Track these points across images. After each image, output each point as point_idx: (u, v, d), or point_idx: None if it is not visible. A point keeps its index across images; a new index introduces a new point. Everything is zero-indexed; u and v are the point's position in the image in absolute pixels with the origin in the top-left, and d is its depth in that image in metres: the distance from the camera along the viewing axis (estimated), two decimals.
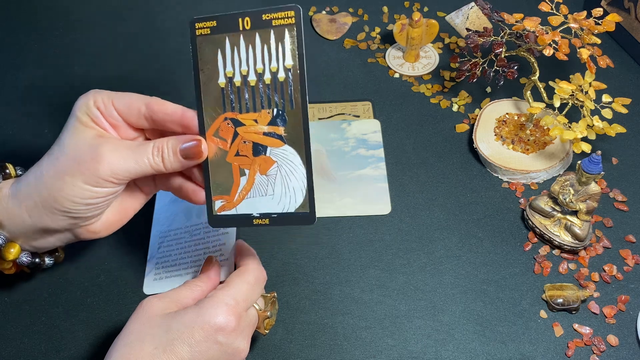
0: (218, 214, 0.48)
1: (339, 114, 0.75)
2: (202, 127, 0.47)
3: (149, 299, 0.47)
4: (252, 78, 0.46)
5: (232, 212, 0.48)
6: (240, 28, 0.45)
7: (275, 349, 0.56)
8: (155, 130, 0.50)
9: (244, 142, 0.47)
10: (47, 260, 0.55)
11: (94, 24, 0.88)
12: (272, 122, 0.46)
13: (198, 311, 0.46)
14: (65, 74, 0.82)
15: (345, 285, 0.60)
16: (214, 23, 0.46)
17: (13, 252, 0.51)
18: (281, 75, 0.45)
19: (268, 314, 0.51)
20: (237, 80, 0.46)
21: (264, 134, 0.46)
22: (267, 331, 0.52)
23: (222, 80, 0.46)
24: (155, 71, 0.81)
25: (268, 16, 0.45)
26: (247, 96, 0.46)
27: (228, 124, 0.47)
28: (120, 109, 0.48)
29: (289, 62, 0.45)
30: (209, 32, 0.46)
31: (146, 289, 0.60)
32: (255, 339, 0.55)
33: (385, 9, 0.88)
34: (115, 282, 0.61)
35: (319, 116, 0.74)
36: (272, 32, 0.45)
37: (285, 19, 0.44)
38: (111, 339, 0.47)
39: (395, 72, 0.79)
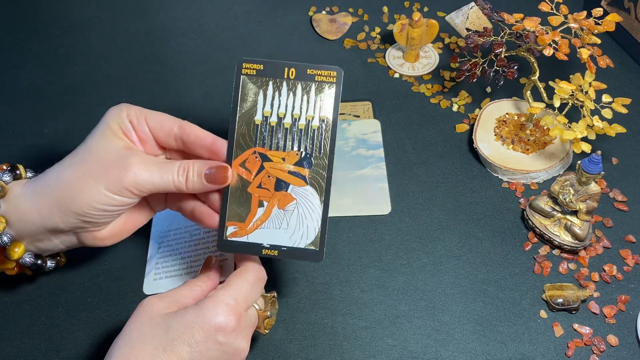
0: (229, 239, 0.50)
1: (339, 114, 0.75)
2: (229, 156, 0.50)
3: (149, 299, 0.47)
4: (287, 121, 0.50)
5: (243, 239, 0.50)
6: (285, 76, 0.50)
7: (275, 349, 0.56)
8: (180, 152, 0.52)
9: (268, 176, 0.50)
10: (49, 263, 0.55)
11: (94, 24, 0.88)
12: (299, 163, 0.50)
13: (198, 311, 0.46)
14: (65, 74, 0.82)
15: (345, 285, 0.60)
16: (261, 67, 0.50)
17: (18, 251, 0.51)
18: (315, 123, 0.50)
19: (268, 313, 0.51)
20: (273, 120, 0.50)
21: (289, 172, 0.50)
22: (267, 331, 0.52)
23: (258, 118, 0.50)
24: (156, 71, 0.81)
25: (312, 71, 0.49)
26: (279, 135, 0.50)
27: (256, 157, 0.50)
28: (152, 126, 0.50)
29: (325, 113, 0.50)
30: (254, 72, 0.50)
31: (146, 289, 0.60)
32: (255, 338, 0.55)
33: (385, 9, 0.88)
34: (115, 282, 0.61)
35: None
36: (313, 85, 0.50)
37: (328, 77, 0.49)
38: (111, 339, 0.47)
39: (395, 72, 0.79)
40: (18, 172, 0.53)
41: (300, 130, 0.50)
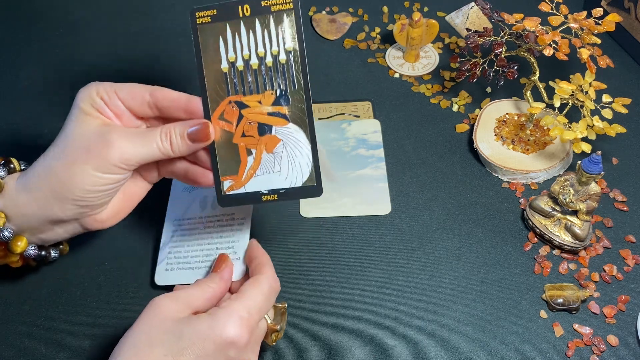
0: (227, 193, 0.50)
1: (339, 114, 0.75)
2: (207, 111, 0.49)
3: (160, 299, 0.46)
4: (254, 62, 0.48)
5: (241, 190, 0.50)
6: (240, 15, 0.48)
7: (275, 348, 0.56)
8: (158, 119, 0.52)
9: (249, 123, 0.49)
10: (53, 253, 0.55)
11: (94, 24, 0.88)
12: (276, 102, 0.49)
13: (211, 322, 0.44)
14: (65, 74, 0.82)
15: (345, 285, 0.60)
16: (214, 12, 0.48)
17: (20, 245, 0.51)
18: (282, 57, 0.48)
19: (278, 327, 0.50)
20: (240, 64, 0.48)
21: (269, 114, 0.49)
22: (274, 343, 0.51)
23: (224, 65, 0.49)
24: (156, 71, 0.81)
25: (267, 3, 0.47)
26: (250, 79, 0.49)
27: (232, 106, 0.49)
28: (124, 98, 0.50)
29: (289, 44, 0.48)
30: (209, 20, 0.48)
31: (157, 279, 0.59)
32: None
33: (385, 9, 0.88)
34: (116, 282, 0.61)
35: (319, 116, 0.74)
36: (271, 17, 0.47)
37: (284, 4, 0.47)
38: (111, 339, 0.47)
39: (395, 72, 0.79)
40: (12, 165, 0.53)
41: (270, 68, 0.48)
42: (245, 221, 0.59)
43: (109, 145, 0.47)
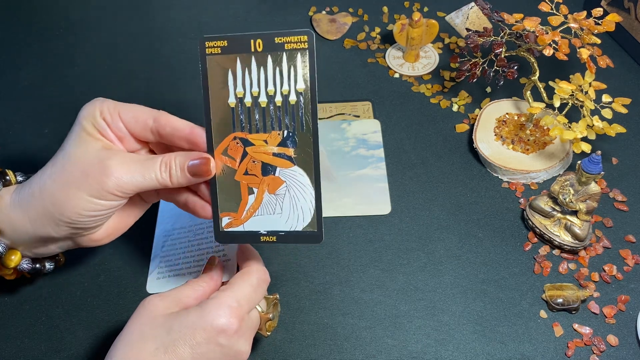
0: (225, 230, 0.49)
1: (339, 114, 0.75)
2: (210, 144, 0.47)
3: (151, 298, 0.47)
4: (262, 99, 0.46)
5: (239, 228, 0.48)
6: (252, 49, 0.46)
7: (275, 349, 0.56)
8: (160, 144, 0.50)
9: (253, 161, 0.47)
10: (48, 265, 0.55)
11: (94, 24, 0.88)
12: (282, 144, 0.47)
13: (200, 312, 0.46)
14: (65, 74, 0.82)
15: (345, 285, 0.60)
16: (225, 43, 0.46)
17: (14, 259, 0.50)
18: (292, 98, 0.46)
19: (270, 316, 0.51)
20: (248, 100, 0.46)
21: (274, 154, 0.47)
22: (268, 333, 0.52)
23: (232, 100, 0.47)
24: (156, 71, 0.81)
25: (281, 39, 0.45)
26: (257, 117, 0.47)
27: (237, 143, 0.47)
28: (126, 121, 0.48)
29: (301, 85, 0.45)
30: (219, 51, 0.47)
31: (149, 288, 0.60)
32: (256, 339, 0.55)
33: (385, 9, 0.88)
34: (116, 282, 0.61)
35: (319, 116, 0.74)
36: (284, 55, 0.45)
37: (298, 44, 0.45)
38: (111, 339, 0.47)
39: (395, 72, 0.79)
40: (7, 178, 0.52)
41: (278, 108, 0.46)
42: None
43: (106, 173, 0.46)
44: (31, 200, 0.48)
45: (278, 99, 0.46)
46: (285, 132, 0.46)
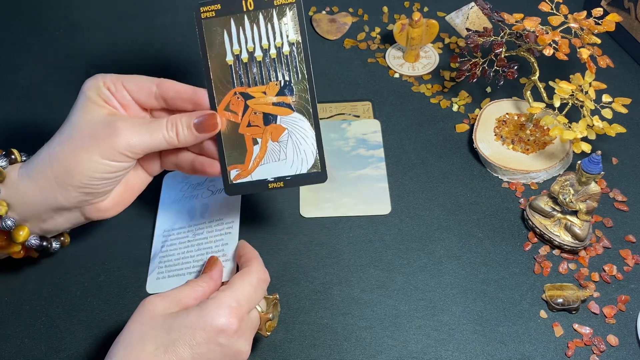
0: (234, 182, 0.51)
1: (339, 114, 0.75)
2: (212, 103, 0.50)
3: (151, 298, 0.47)
4: (258, 54, 0.49)
5: (248, 179, 0.51)
6: (244, 9, 0.49)
7: (275, 349, 0.56)
8: (164, 110, 0.53)
9: (255, 113, 0.50)
10: (54, 244, 0.56)
11: (94, 24, 0.88)
12: (281, 93, 0.50)
13: (200, 312, 0.46)
14: (65, 74, 0.82)
15: (345, 285, 0.60)
16: (218, 6, 0.49)
17: (23, 234, 0.51)
18: (286, 49, 0.49)
19: (270, 316, 0.51)
20: (244, 57, 0.50)
21: (273, 104, 0.50)
22: (268, 333, 0.52)
23: (229, 58, 0.50)
24: (155, 71, 0.81)
25: None
26: (254, 70, 0.50)
27: (238, 97, 0.50)
28: (130, 89, 0.51)
29: (292, 37, 0.49)
30: (214, 14, 0.49)
31: (149, 288, 0.60)
32: (256, 339, 0.55)
33: (385, 9, 0.88)
34: (116, 282, 0.61)
35: (319, 116, 0.74)
36: (274, 11, 0.49)
37: None
38: (111, 339, 0.47)
39: (395, 72, 0.79)
40: (13, 156, 0.53)
41: (274, 60, 0.50)
42: (234, 224, 0.60)
43: (115, 133, 0.48)
44: (41, 168, 0.49)
45: (272, 52, 0.50)
46: (282, 81, 0.50)
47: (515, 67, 0.69)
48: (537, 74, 0.68)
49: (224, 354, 0.46)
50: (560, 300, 0.57)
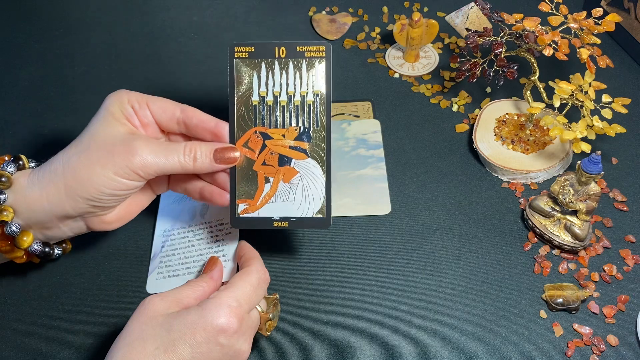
0: (241, 215, 0.53)
1: (339, 114, 0.75)
2: (232, 137, 0.52)
3: (151, 298, 0.47)
4: (283, 98, 0.52)
5: (254, 214, 0.53)
6: (276, 55, 0.52)
7: (275, 349, 0.56)
8: (181, 135, 0.54)
9: (271, 153, 0.52)
10: (56, 250, 0.56)
11: (94, 24, 0.88)
12: (298, 138, 0.52)
13: (200, 312, 0.46)
14: (65, 74, 0.82)
15: (345, 285, 0.60)
16: (252, 49, 0.52)
17: (27, 240, 0.52)
18: (310, 98, 0.52)
19: (270, 315, 0.51)
20: (270, 99, 0.52)
21: (290, 147, 0.52)
22: (268, 333, 0.52)
23: (255, 99, 0.52)
24: (155, 71, 0.81)
25: (302, 48, 0.51)
26: (277, 113, 0.52)
27: (257, 136, 0.52)
28: (154, 111, 0.52)
29: (318, 88, 0.52)
30: (246, 55, 0.52)
31: (149, 288, 0.60)
32: (256, 339, 0.55)
33: (385, 9, 0.88)
34: (116, 282, 0.61)
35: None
36: (304, 62, 0.52)
37: (317, 52, 0.51)
38: (111, 339, 0.47)
39: (395, 72, 0.79)
40: (21, 162, 0.54)
41: (297, 106, 0.52)
42: None
43: (132, 152, 0.49)
44: (52, 177, 0.50)
45: (297, 99, 0.52)
46: (302, 127, 0.52)
47: (515, 67, 0.69)
48: (537, 74, 0.68)
49: (224, 354, 0.46)
50: (560, 300, 0.57)
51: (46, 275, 0.62)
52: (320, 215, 0.53)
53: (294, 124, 0.52)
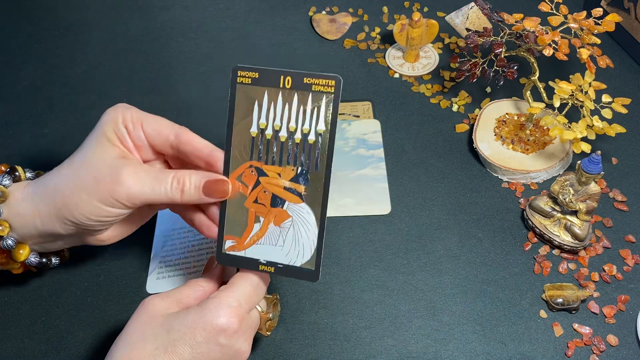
0: (227, 252, 0.49)
1: (339, 114, 0.75)
2: (226, 168, 0.49)
3: (151, 298, 0.47)
4: (283, 134, 0.48)
5: (241, 253, 0.49)
6: (281, 85, 0.47)
7: (275, 348, 0.56)
8: (176, 158, 0.52)
9: (264, 191, 0.49)
10: (54, 260, 0.56)
11: (94, 24, 0.88)
12: (295, 179, 0.48)
13: (200, 312, 0.46)
14: (65, 74, 0.82)
15: (345, 285, 0.60)
16: (256, 75, 0.48)
17: (23, 253, 0.51)
18: (312, 137, 0.47)
19: (270, 315, 0.51)
20: (269, 133, 0.48)
21: (285, 188, 0.48)
22: (269, 333, 0.52)
23: (254, 130, 0.48)
24: (156, 71, 0.81)
25: (309, 80, 0.47)
26: (275, 150, 0.48)
27: (252, 171, 0.48)
28: (148, 132, 0.50)
29: (322, 127, 0.47)
30: (249, 82, 0.48)
31: (149, 288, 0.60)
32: (256, 339, 0.55)
33: (385, 9, 0.88)
34: (116, 282, 0.61)
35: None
36: (310, 95, 0.47)
37: (325, 87, 0.47)
38: (111, 339, 0.47)
39: (395, 72, 0.79)
40: (17, 173, 0.53)
41: (297, 145, 0.48)
42: None
43: (117, 182, 0.47)
44: (43, 197, 0.49)
45: (298, 136, 0.47)
46: (300, 168, 0.48)
47: (515, 67, 0.69)
48: (537, 74, 0.68)
49: (224, 354, 0.46)
50: (560, 300, 0.57)
51: (46, 275, 0.62)
52: (309, 267, 0.48)
53: (291, 164, 0.48)
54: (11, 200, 0.50)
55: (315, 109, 0.47)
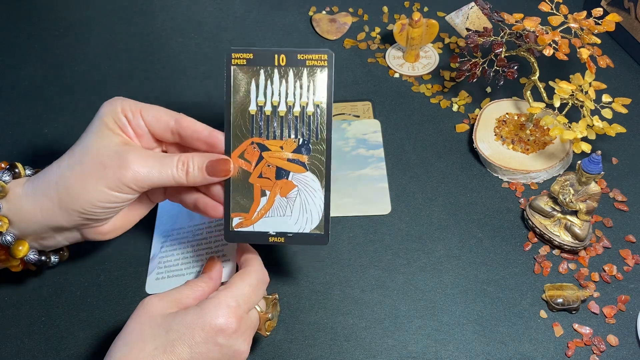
0: (235, 229, 0.51)
1: (339, 114, 0.75)
2: (228, 148, 0.50)
3: (150, 298, 0.47)
4: (282, 109, 0.50)
5: (249, 229, 0.51)
6: (276, 63, 0.49)
7: (275, 349, 0.56)
8: (175, 145, 0.53)
9: (268, 165, 0.50)
10: (53, 258, 0.56)
11: (94, 24, 0.88)
12: (297, 150, 0.50)
13: (199, 312, 0.46)
14: (65, 74, 0.82)
15: (345, 285, 0.60)
16: (251, 55, 0.49)
17: (22, 249, 0.51)
18: (310, 109, 0.50)
19: (269, 315, 0.51)
20: (268, 109, 0.50)
21: (288, 160, 0.50)
22: (268, 333, 0.52)
23: (253, 108, 0.50)
24: (156, 71, 0.81)
25: (303, 56, 0.49)
26: (275, 124, 0.50)
27: (254, 147, 0.50)
28: (148, 121, 0.51)
29: (319, 98, 0.49)
30: (244, 62, 0.49)
31: (148, 289, 0.60)
32: (255, 339, 0.55)
33: (385, 9, 0.88)
34: (116, 282, 0.61)
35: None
36: (305, 70, 0.49)
37: (319, 61, 0.49)
38: (111, 339, 0.47)
39: (395, 72, 0.79)
40: (17, 170, 0.53)
41: (296, 117, 0.50)
42: None
43: (125, 166, 0.48)
44: (46, 189, 0.49)
45: (296, 109, 0.50)
46: (301, 140, 0.50)
47: (515, 67, 0.69)
48: (537, 74, 0.68)
49: (222, 354, 0.46)
50: (560, 300, 0.57)
51: (46, 275, 0.62)
52: (318, 232, 0.50)
53: (292, 136, 0.50)
54: (11, 196, 0.50)
55: (312, 82, 0.49)
